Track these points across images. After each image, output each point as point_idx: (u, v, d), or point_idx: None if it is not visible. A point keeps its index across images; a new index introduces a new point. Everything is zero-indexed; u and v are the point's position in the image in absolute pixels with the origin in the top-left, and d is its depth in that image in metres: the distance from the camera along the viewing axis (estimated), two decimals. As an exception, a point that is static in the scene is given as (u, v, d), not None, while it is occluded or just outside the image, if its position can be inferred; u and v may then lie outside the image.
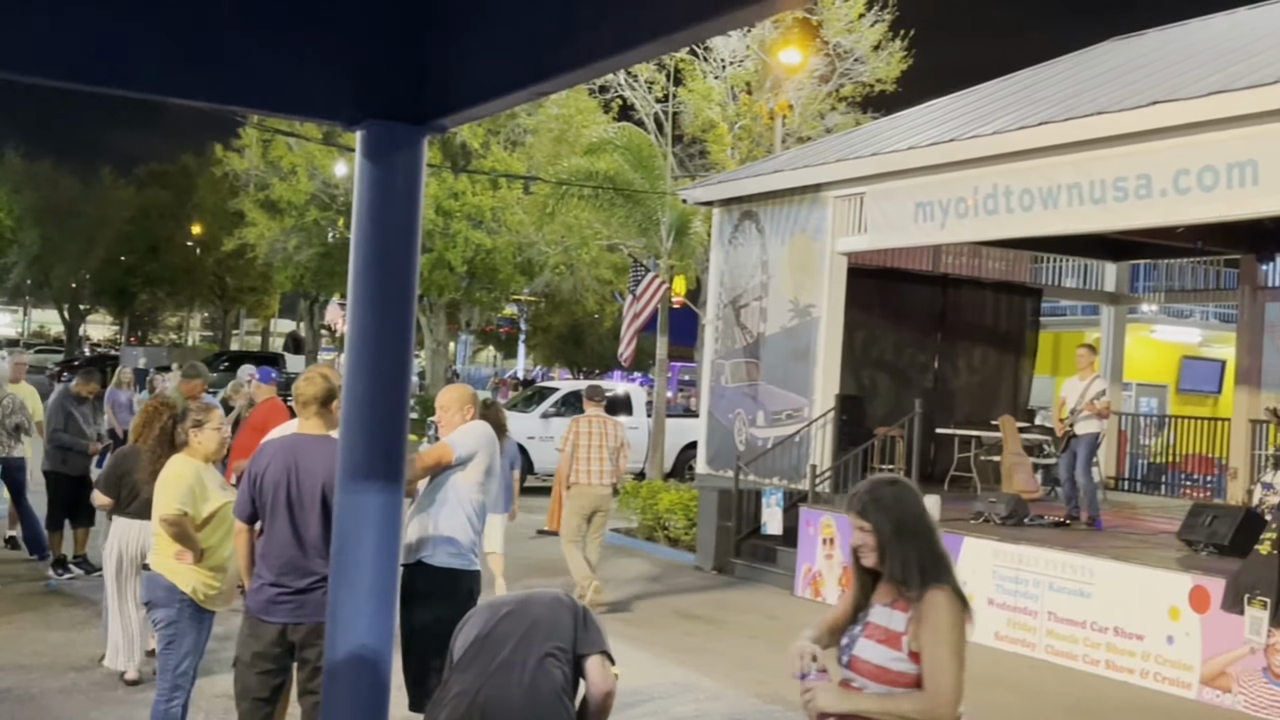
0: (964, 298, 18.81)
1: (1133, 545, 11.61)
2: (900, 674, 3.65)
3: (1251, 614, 9.26)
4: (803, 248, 15.92)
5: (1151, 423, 23.08)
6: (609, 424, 12.11)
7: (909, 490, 3.84)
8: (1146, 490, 19.95)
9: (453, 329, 44.67)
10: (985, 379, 18.91)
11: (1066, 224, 12.86)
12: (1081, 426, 12.79)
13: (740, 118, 26.06)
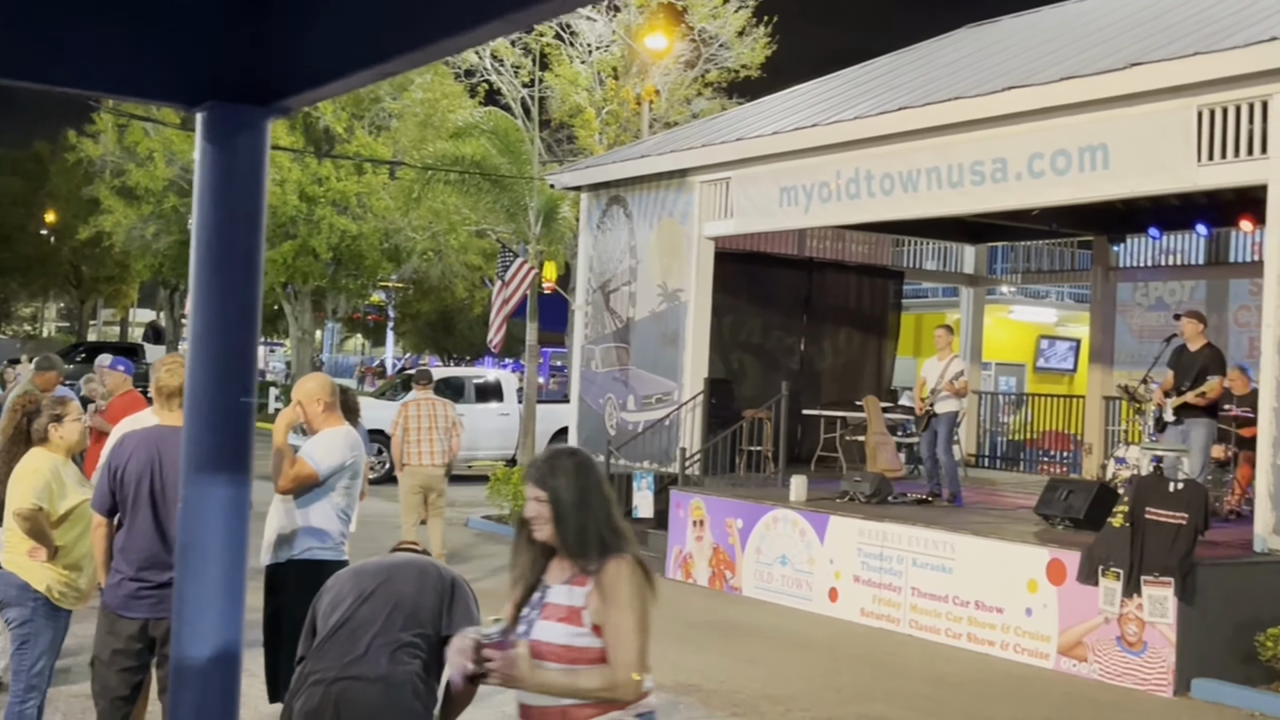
0: (829, 281, 19.07)
1: (992, 521, 11.90)
2: (584, 650, 3.50)
3: (1106, 585, 9.56)
4: (670, 232, 15.99)
5: (1010, 401, 23.68)
6: (438, 405, 12.48)
7: (588, 461, 3.72)
8: (1006, 467, 20.47)
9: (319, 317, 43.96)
10: (850, 361, 19.20)
11: (926, 207, 13.12)
12: (941, 405, 13.06)
13: (608, 103, 26.06)
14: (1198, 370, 11.34)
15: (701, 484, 14.32)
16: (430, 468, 12.06)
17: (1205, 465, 11.38)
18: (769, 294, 18.24)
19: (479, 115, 21.11)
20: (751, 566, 12.77)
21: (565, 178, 18.06)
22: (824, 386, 18.82)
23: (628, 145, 20.19)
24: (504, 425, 22.14)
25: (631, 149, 18.51)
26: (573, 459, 3.69)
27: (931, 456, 13.39)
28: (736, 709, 8.26)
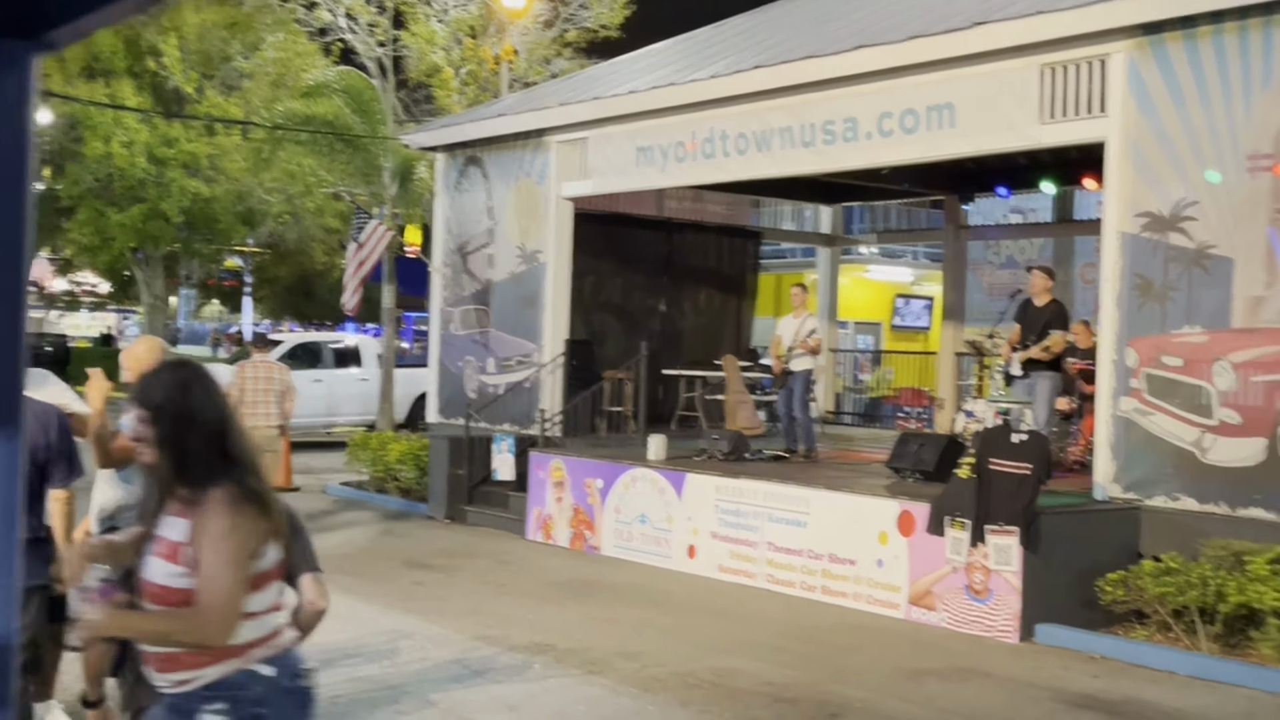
0: (688, 242, 19.13)
1: (846, 475, 12.07)
2: (180, 591, 3.14)
3: (953, 535, 9.78)
4: (528, 193, 15.86)
5: (868, 358, 24.11)
6: (274, 369, 12.69)
7: (196, 376, 3.29)
8: (864, 423, 20.83)
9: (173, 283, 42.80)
10: (710, 321, 19.32)
11: (780, 167, 13.21)
12: (796, 363, 13.21)
13: (466, 63, 25.69)
14: (1043, 325, 11.61)
15: (562, 445, 14.28)
16: (265, 429, 12.00)
17: (1049, 417, 11.69)
18: (629, 255, 18.24)
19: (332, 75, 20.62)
20: (611, 526, 12.79)
21: (420, 138, 17.78)
22: (685, 346, 18.90)
23: (484, 105, 19.95)
24: (364, 390, 21.82)
25: (488, 108, 18.29)
26: (177, 373, 3.30)
27: (788, 414, 13.54)
28: (591, 666, 8.26)
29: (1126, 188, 10.25)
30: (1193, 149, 9.83)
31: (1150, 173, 10.07)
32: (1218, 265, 9.65)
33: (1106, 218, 10.49)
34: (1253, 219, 9.46)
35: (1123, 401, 10.20)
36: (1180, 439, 9.80)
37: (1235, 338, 9.53)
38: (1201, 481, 9.65)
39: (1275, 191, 9.35)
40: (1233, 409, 9.48)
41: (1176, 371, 9.85)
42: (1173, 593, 8.96)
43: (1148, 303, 10.04)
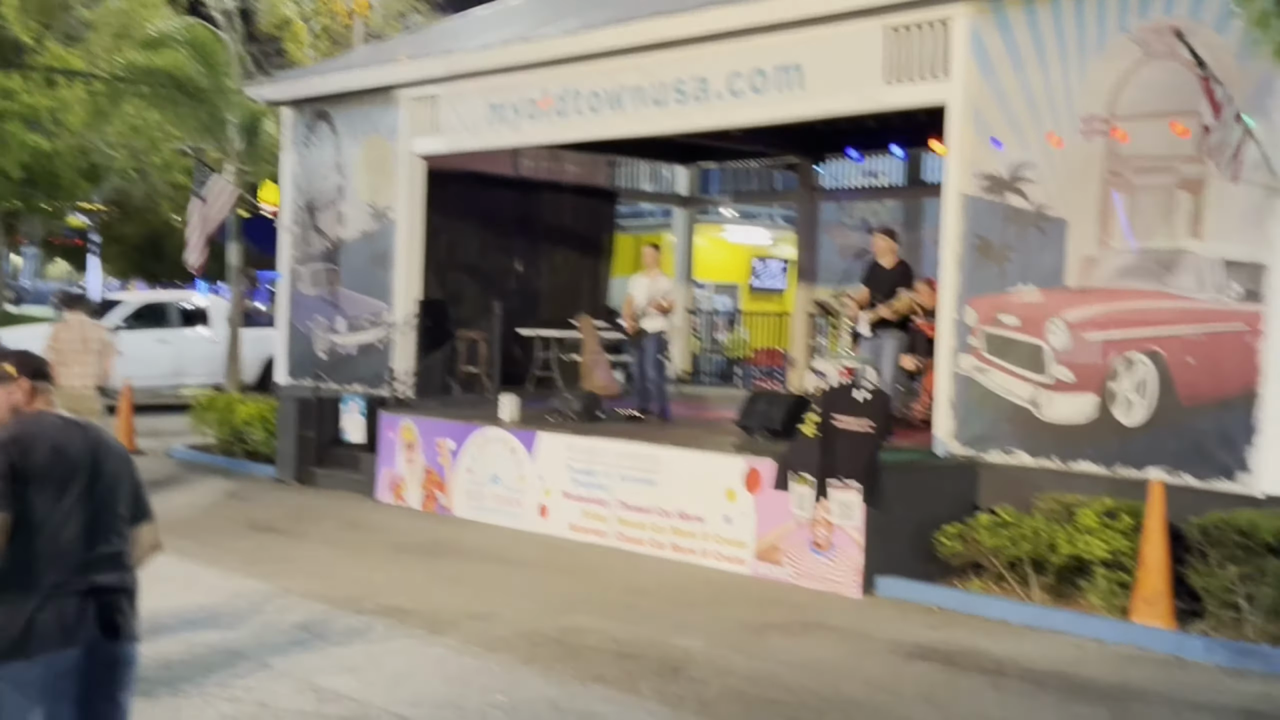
0: (544, 201, 19.00)
1: (697, 433, 12.16)
2: None
3: (798, 491, 9.93)
4: (378, 150, 15.59)
5: (725, 319, 24.28)
6: (90, 328, 12.34)
7: None
8: (721, 384, 21.01)
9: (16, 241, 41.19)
10: (567, 281, 19.25)
11: (632, 126, 13.18)
12: (649, 323, 13.24)
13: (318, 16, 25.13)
14: (890, 286, 11.81)
15: (414, 406, 14.13)
16: (80, 389, 11.65)
17: (894, 375, 11.91)
18: (485, 214, 18.05)
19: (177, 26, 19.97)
20: (463, 486, 12.71)
21: (266, 91, 17.34)
22: (541, 307, 18.82)
23: (334, 59, 19.54)
24: (212, 352, 21.30)
25: (336, 62, 17.91)
26: None
27: (641, 373, 13.58)
28: (436, 627, 8.21)
29: (967, 150, 10.45)
30: (1031, 111, 10.05)
31: (989, 134, 10.27)
32: (1053, 226, 9.90)
33: (947, 179, 10.69)
34: (1087, 181, 9.72)
35: (962, 359, 10.43)
36: (1016, 396, 10.07)
37: (1069, 297, 9.80)
38: (1036, 437, 9.94)
39: (1109, 154, 9.62)
40: (1066, 366, 9.76)
41: (1013, 330, 10.10)
42: (1007, 545, 9.22)
43: (986, 263, 10.27)
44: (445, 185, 16.48)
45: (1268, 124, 8.71)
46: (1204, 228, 9.12)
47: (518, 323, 17.65)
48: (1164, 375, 9.23)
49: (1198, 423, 9.08)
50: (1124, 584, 8.79)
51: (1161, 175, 9.34)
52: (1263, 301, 8.81)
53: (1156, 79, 9.35)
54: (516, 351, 17.57)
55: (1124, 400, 9.43)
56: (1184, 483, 9.07)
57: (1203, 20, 9.04)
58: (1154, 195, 9.38)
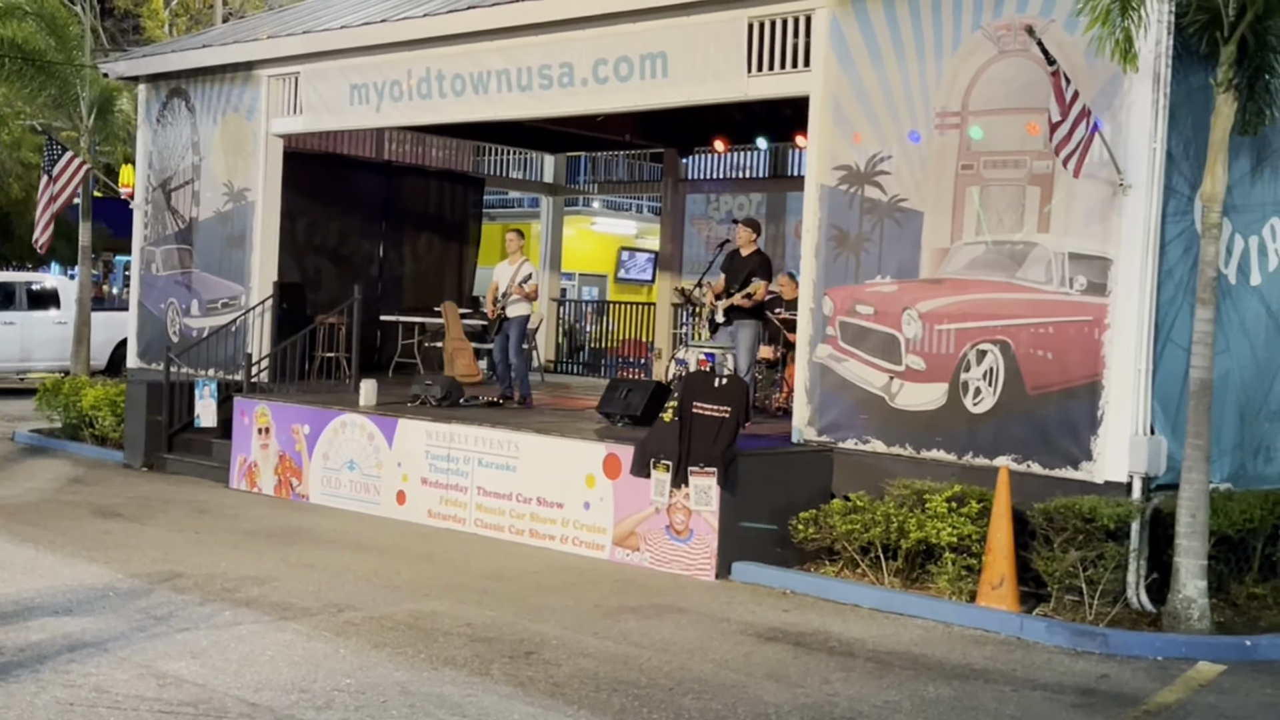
0: (408, 186, 18.84)
1: (558, 420, 12.15)
2: None
3: (657, 477, 9.96)
4: (236, 128, 15.26)
5: (592, 309, 24.28)
6: None
7: None
8: (587, 373, 21.01)
9: None
10: (430, 267, 19.12)
11: (496, 110, 13.10)
12: (512, 309, 13.18)
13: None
14: (746, 274, 11.93)
15: (269, 391, 13.87)
16: None
17: (751, 363, 12.03)
18: (347, 197, 17.83)
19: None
20: (319, 473, 12.51)
21: (120, 66, 16.84)
22: (405, 293, 18.67)
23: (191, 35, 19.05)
24: (61, 334, 20.63)
25: (194, 39, 17.50)
26: None
27: (504, 360, 13.50)
28: (285, 612, 8.06)
29: (826, 141, 10.60)
30: (888, 105, 10.23)
31: (848, 127, 10.44)
32: (908, 218, 10.10)
33: (808, 171, 10.83)
34: (941, 174, 9.93)
35: (820, 349, 10.58)
36: (871, 384, 10.25)
37: (922, 288, 10.00)
38: (889, 425, 10.13)
39: (962, 148, 9.84)
40: (918, 356, 9.96)
41: (868, 320, 10.28)
42: (859, 530, 9.38)
43: (844, 253, 10.44)
44: (306, 167, 16.22)
45: (1113, 122, 8.99)
46: (1052, 222, 9.38)
47: (380, 309, 17.46)
48: (1012, 365, 9.47)
49: (1044, 412, 9.34)
50: (971, 568, 9.01)
51: (1012, 170, 9.59)
52: (1107, 295, 9.09)
53: (1009, 75, 9.59)
54: (379, 338, 17.40)
55: (974, 389, 9.66)
56: (1031, 470, 9.33)
57: (1053, 19, 9.29)
58: (1005, 189, 9.62)
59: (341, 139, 17.34)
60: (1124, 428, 8.99)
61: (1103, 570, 8.54)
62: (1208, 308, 8.44)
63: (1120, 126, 8.99)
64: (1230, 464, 9.67)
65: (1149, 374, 8.98)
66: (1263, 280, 9.88)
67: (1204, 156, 8.57)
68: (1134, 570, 8.78)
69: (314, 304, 16.57)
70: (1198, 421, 8.43)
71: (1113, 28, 8.16)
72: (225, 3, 23.57)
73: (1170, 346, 9.11)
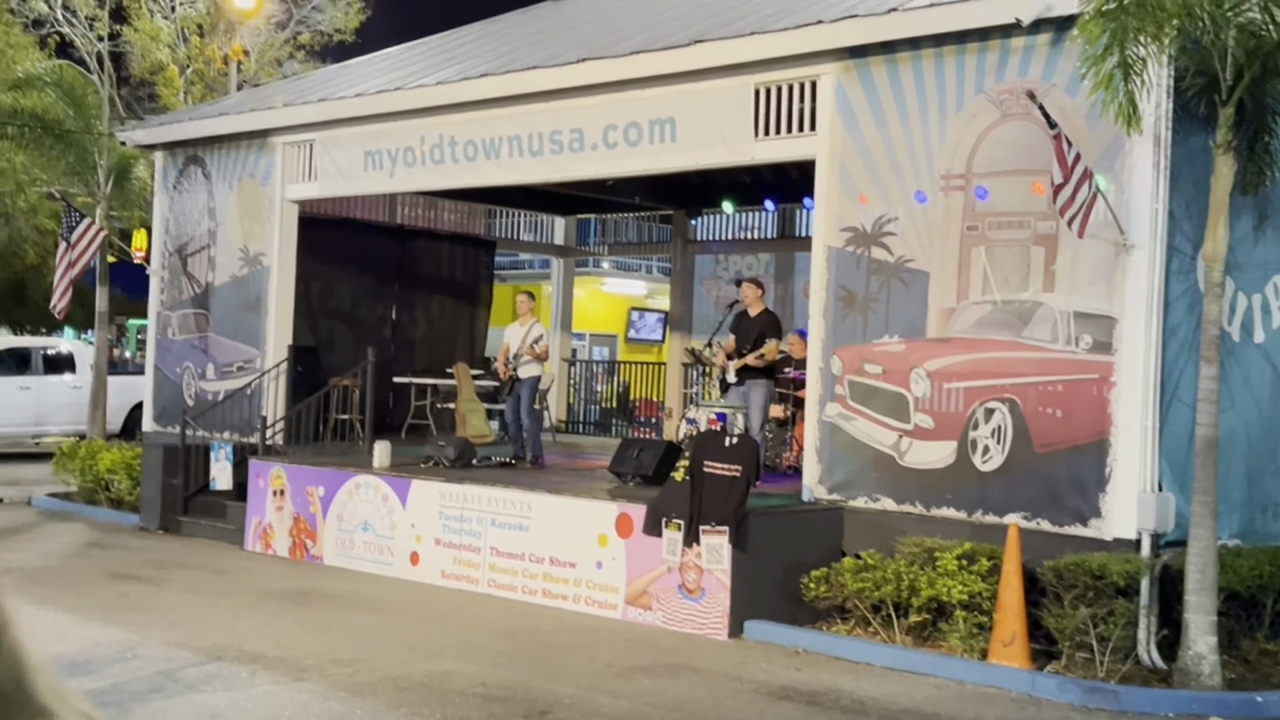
0: (421, 249, 19.05)
1: (570, 480, 12.23)
2: None
3: (669, 536, 10.03)
4: (252, 194, 15.49)
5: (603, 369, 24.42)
6: None
7: None
8: (598, 433, 21.10)
9: None
10: (443, 329, 19.29)
11: (508, 175, 13.31)
12: (524, 370, 13.32)
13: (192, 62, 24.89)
14: (756, 334, 12.06)
15: (284, 453, 13.99)
16: None
17: (763, 422, 12.12)
18: (360, 261, 18.03)
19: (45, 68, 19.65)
20: (333, 534, 12.60)
21: (138, 135, 17.13)
22: (417, 355, 18.82)
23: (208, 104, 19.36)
24: (77, 399, 20.79)
25: (210, 107, 17.79)
26: None
27: (515, 420, 13.62)
28: (300, 673, 8.12)
29: (833, 203, 10.75)
30: (893, 167, 10.39)
31: (854, 189, 10.59)
32: (915, 278, 10.22)
33: (816, 232, 10.98)
34: (947, 234, 10.06)
35: (829, 407, 10.67)
36: (880, 443, 10.32)
37: (930, 347, 10.11)
38: (899, 483, 10.19)
39: (968, 208, 9.98)
40: (927, 414, 10.05)
41: (877, 379, 10.38)
42: (870, 588, 9.42)
43: (851, 313, 10.56)
44: (320, 232, 16.43)
45: (1115, 183, 9.12)
46: (1057, 281, 9.49)
47: (393, 370, 17.60)
48: (1020, 423, 9.55)
49: (1053, 469, 9.40)
50: (983, 626, 9.04)
51: (1017, 230, 9.72)
52: (1113, 353, 9.18)
53: (1012, 138, 9.75)
54: (391, 400, 17.53)
55: (982, 447, 9.73)
56: (1040, 527, 9.37)
57: (1054, 83, 9.46)
58: (1010, 249, 9.75)
59: (355, 203, 17.58)
60: (1132, 485, 9.05)
61: (1113, 627, 8.56)
62: (1212, 365, 8.52)
63: (1123, 187, 9.13)
64: (1239, 520, 9.70)
65: (1156, 431, 9.05)
66: (1266, 337, 9.97)
67: (1205, 216, 8.69)
68: (1144, 627, 8.80)
69: (328, 367, 16.72)
70: (1204, 478, 8.48)
71: (1115, 92, 8.30)
72: (240, 69, 23.90)
73: (1176, 404, 9.18)
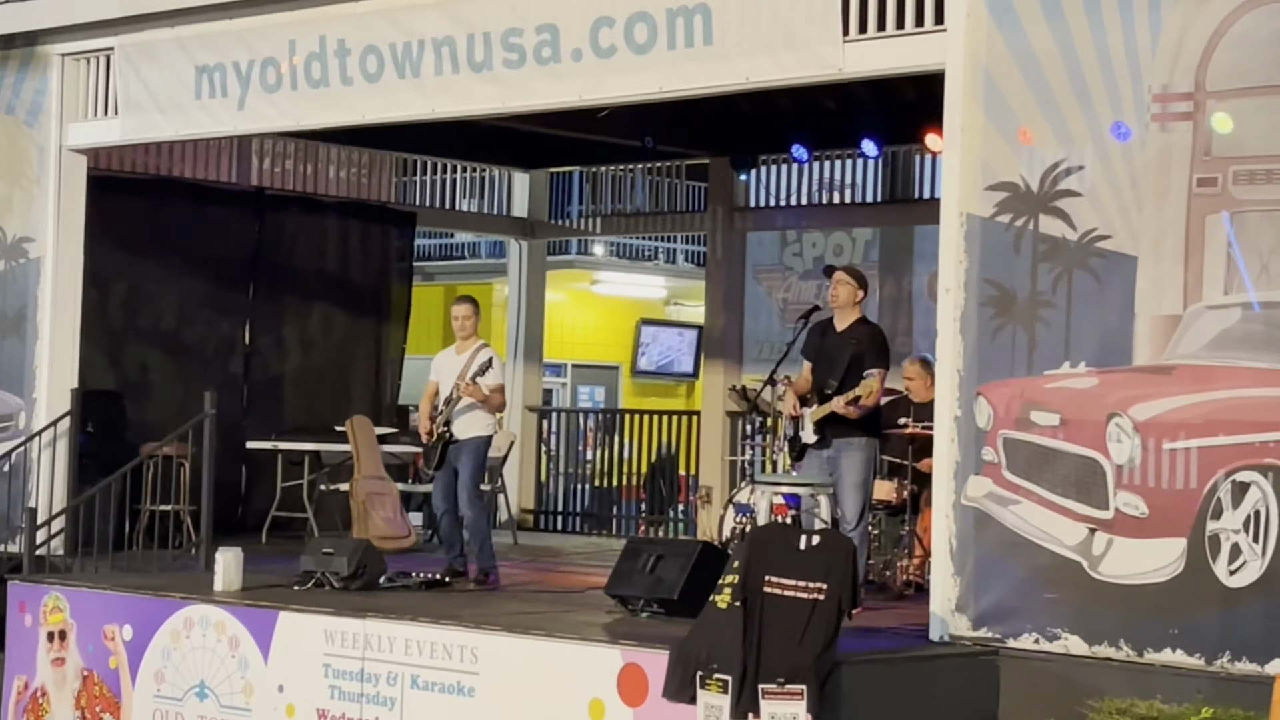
0: (292, 228, 19.06)
1: (544, 609, 12.19)
2: None
3: (707, 701, 9.93)
4: (9, 140, 15.52)
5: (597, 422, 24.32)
6: None
7: None
8: (588, 527, 21.06)
9: None
10: (327, 359, 19.26)
11: (435, 104, 13.28)
12: (464, 425, 13.27)
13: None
14: (850, 361, 11.97)
15: (66, 570, 13.96)
16: None
17: (863, 509, 12.04)
18: (192, 250, 18.01)
19: None
20: (147, 705, 12.57)
21: None
22: (286, 403, 18.79)
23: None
24: None
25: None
26: None
27: (451, 511, 13.55)
28: None
29: (975, 144, 10.69)
30: (1074, 84, 10.31)
31: (1010, 120, 10.53)
32: (1112, 266, 10.14)
33: (946, 192, 10.92)
34: (1165, 194, 9.99)
35: (973, 483, 10.58)
36: (1059, 541, 10.23)
37: (1139, 381, 10.02)
38: (1092, 608, 10.09)
39: (1199, 151, 9.91)
40: (1136, 493, 9.95)
41: (1051, 434, 10.30)
42: (1051, 787, 9.36)
43: (1007, 325, 10.48)
44: (126, 202, 16.50)
45: None
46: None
47: (247, 430, 17.55)
48: (1293, 506, 9.49)
49: (1347, 582, 9.34)
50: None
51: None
52: None
53: (1274, 32, 9.68)
54: (243, 476, 17.48)
55: (1229, 547, 9.65)
56: (1327, 679, 9.29)
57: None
58: (1274, 219, 9.68)
59: (184, 154, 17.56)
60: None
61: None
62: None
63: None
64: None
65: None
66: None
67: None
68: None
69: (138, 425, 16.71)
70: None
71: None
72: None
73: None
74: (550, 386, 26.57)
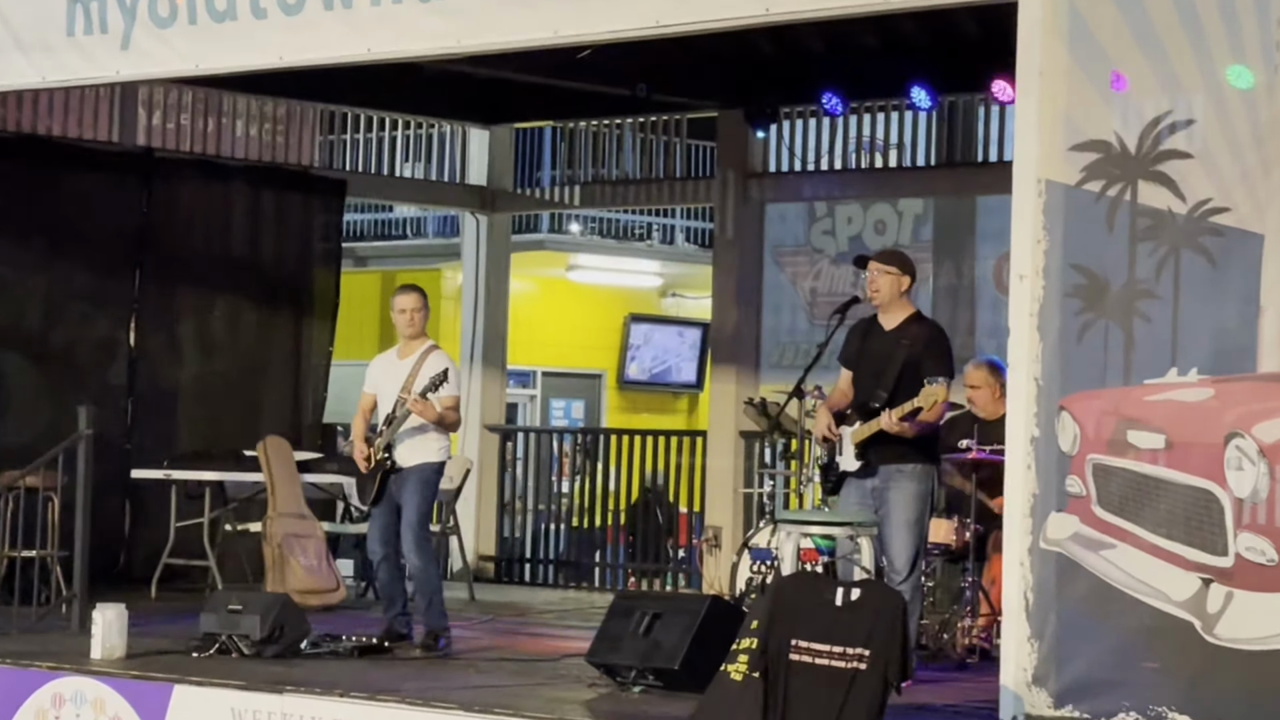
0: (188, 200, 19.11)
1: (509, 682, 12.18)
2: None
3: (718, 798, 9.96)
4: None
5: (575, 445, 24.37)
6: None
7: None
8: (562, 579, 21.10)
9: None
10: (234, 366, 19.25)
11: (370, 41, 13.27)
12: (409, 450, 13.26)
13: None
14: (900, 367, 11.96)
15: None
16: None
17: (916, 555, 12.03)
18: (61, 228, 18.01)
19: None
20: (8, 803, 12.56)
21: None
22: (181, 422, 18.79)
23: None
24: None
25: None
26: None
27: (392, 556, 13.56)
28: None
29: (1056, 94, 10.69)
30: (1182, 20, 10.33)
31: (1101, 62, 10.53)
32: (1232, 247, 10.14)
33: (1019, 153, 10.91)
34: (1299, 157, 10.00)
35: (1053, 522, 10.57)
36: (1165, 595, 10.22)
37: (1266, 391, 10.01)
38: (1206, 681, 10.08)
39: (1339, 103, 9.92)
40: (1262, 535, 9.95)
41: (1153, 460, 10.29)
42: None
43: (1097, 321, 10.47)
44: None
45: None
46: None
47: (132, 456, 17.56)
48: None
49: None
50: None
51: None
52: None
53: None
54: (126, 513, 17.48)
55: (1385, 603, 9.66)
56: None
57: None
58: None
59: (53, 108, 17.57)
60: None
61: None
62: None
63: None
64: None
65: None
66: None
67: None
68: None
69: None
70: None
71: None
72: None
73: None
74: (516, 400, 26.60)
